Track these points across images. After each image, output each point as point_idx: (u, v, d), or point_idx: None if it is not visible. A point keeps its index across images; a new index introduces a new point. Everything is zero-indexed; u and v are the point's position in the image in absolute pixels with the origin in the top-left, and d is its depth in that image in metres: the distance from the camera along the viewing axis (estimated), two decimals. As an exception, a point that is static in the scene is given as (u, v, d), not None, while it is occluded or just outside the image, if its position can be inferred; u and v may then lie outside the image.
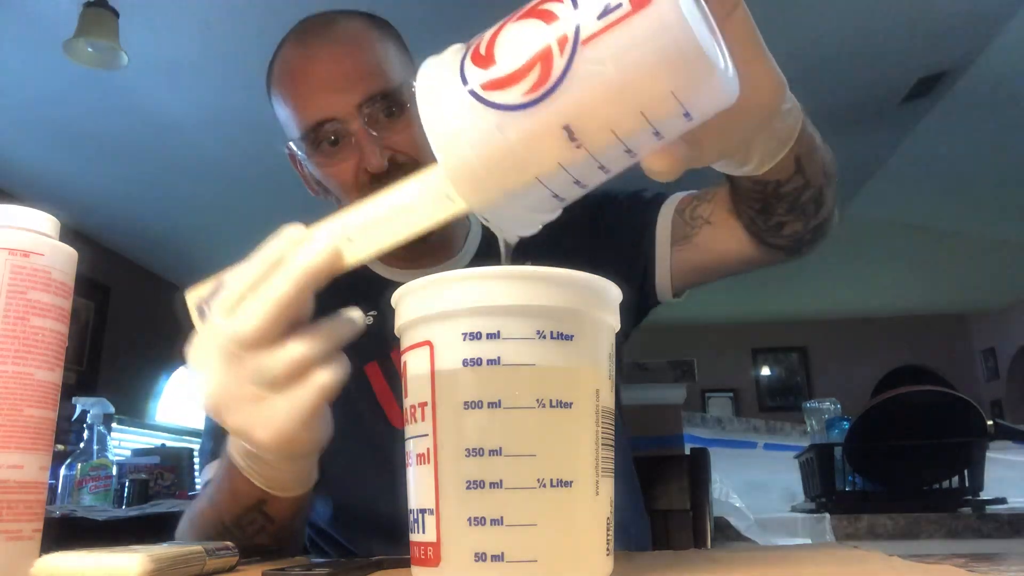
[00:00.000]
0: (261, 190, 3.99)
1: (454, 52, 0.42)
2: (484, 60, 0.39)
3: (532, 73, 0.37)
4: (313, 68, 0.87)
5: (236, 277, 0.44)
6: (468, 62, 0.40)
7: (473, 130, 0.38)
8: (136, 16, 2.57)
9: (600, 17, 0.36)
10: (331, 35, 0.90)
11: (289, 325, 0.44)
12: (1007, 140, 3.80)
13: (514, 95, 0.38)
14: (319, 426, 0.49)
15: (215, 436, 0.86)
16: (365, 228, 0.45)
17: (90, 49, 2.38)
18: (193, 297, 0.49)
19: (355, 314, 0.47)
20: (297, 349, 0.43)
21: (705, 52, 0.36)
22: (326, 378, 0.44)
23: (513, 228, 0.43)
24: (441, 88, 0.40)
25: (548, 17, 0.38)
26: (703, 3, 0.40)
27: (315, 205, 1.07)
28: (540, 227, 0.43)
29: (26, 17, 2.62)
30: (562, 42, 0.37)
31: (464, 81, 0.39)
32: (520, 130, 0.38)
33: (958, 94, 3.38)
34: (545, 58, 0.37)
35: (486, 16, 0.43)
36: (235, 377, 0.44)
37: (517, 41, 0.39)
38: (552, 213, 0.43)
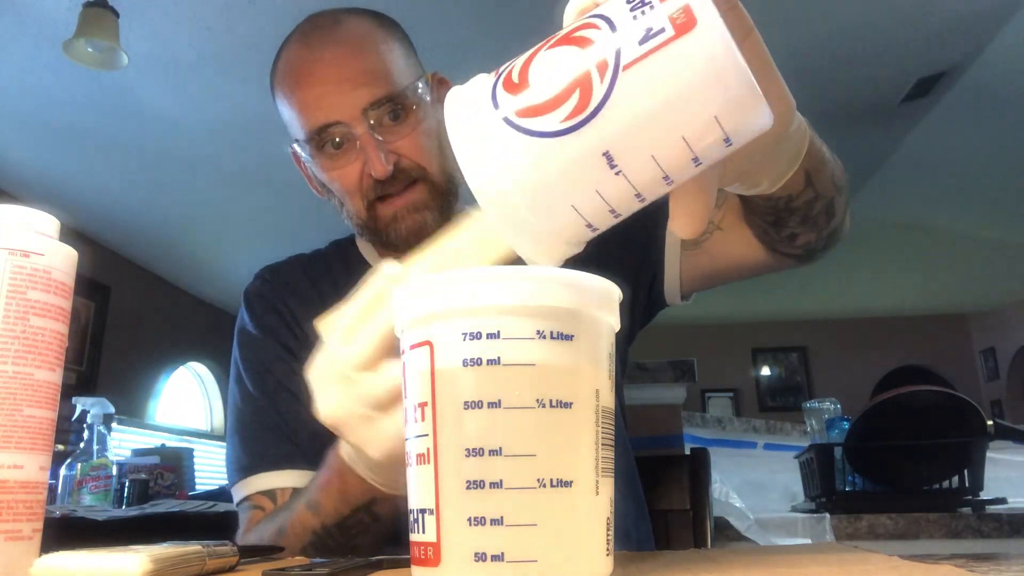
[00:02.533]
0: (261, 190, 4.00)
1: (481, 81, 0.41)
2: (518, 87, 0.38)
3: (571, 99, 0.37)
4: (318, 70, 0.86)
5: (347, 311, 0.50)
6: (500, 90, 0.39)
7: (509, 159, 0.38)
8: (136, 16, 2.57)
9: (642, 42, 0.36)
10: (337, 36, 0.88)
11: (387, 353, 0.48)
12: (1007, 140, 3.81)
13: (552, 122, 0.37)
14: None
15: (248, 451, 0.88)
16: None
17: (90, 49, 2.38)
18: (324, 325, 0.53)
19: None
20: (395, 374, 0.47)
21: (751, 76, 0.35)
22: None
23: (542, 258, 0.42)
24: (473, 119, 0.39)
25: (584, 43, 0.37)
26: None
27: (316, 205, 1.07)
28: (567, 259, 0.43)
29: (26, 17, 2.62)
30: (602, 68, 0.36)
31: (497, 109, 0.38)
32: (558, 157, 0.37)
33: (958, 94, 3.38)
34: (584, 84, 0.37)
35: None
36: (349, 398, 0.49)
37: (553, 67, 0.38)
38: (580, 245, 0.43)
